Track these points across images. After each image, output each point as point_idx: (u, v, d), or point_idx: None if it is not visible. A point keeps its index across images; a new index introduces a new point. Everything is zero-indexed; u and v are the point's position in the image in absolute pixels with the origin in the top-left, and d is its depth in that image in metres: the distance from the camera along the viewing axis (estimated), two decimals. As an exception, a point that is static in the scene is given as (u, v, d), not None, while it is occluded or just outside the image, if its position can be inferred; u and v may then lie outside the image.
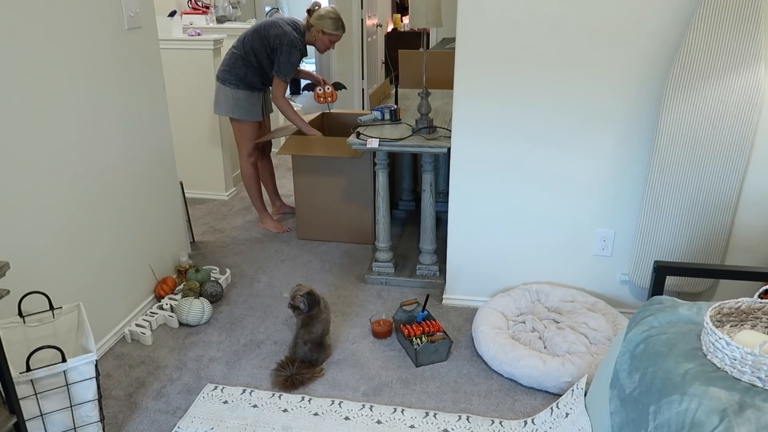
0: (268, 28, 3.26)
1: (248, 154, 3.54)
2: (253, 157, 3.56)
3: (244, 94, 3.37)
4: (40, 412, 1.82)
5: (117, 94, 2.49)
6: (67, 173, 2.23)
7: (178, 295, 2.86)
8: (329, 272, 3.17)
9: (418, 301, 2.66)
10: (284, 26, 3.27)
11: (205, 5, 4.63)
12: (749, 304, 1.55)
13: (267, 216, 3.69)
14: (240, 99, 3.37)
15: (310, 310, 2.35)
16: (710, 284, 2.51)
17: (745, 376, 1.32)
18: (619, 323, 2.44)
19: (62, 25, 2.15)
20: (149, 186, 2.78)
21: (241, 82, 3.34)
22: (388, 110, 3.11)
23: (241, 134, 3.49)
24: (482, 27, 2.36)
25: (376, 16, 6.86)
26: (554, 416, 2.02)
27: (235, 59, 3.33)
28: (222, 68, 3.38)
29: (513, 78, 2.41)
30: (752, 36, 2.11)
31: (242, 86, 3.35)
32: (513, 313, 2.60)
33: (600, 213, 2.57)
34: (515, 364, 2.27)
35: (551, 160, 2.52)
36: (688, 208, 2.36)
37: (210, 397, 2.23)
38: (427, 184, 2.88)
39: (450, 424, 2.10)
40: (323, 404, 2.19)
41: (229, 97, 3.37)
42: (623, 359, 1.58)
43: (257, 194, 3.66)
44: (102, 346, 2.48)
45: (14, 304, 2.00)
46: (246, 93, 3.37)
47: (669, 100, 2.24)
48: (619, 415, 1.53)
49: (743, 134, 2.22)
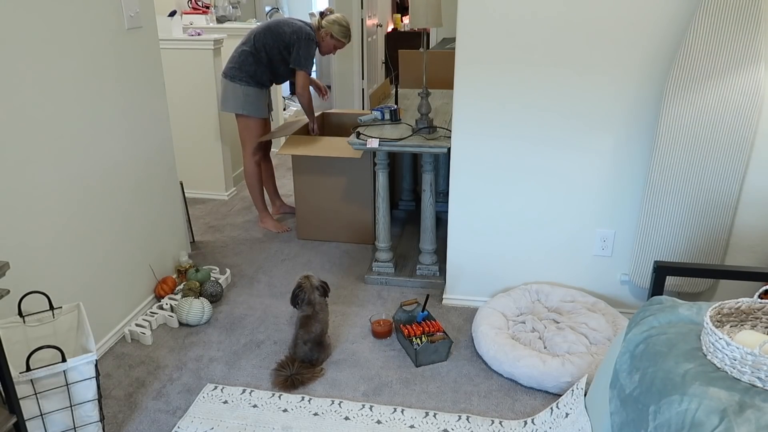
0: (282, 25, 3.29)
1: (252, 153, 3.55)
2: (257, 156, 3.57)
3: (254, 91, 3.39)
4: (40, 412, 1.82)
5: (117, 94, 2.49)
6: (67, 173, 2.23)
7: (178, 295, 2.86)
8: (329, 272, 3.17)
9: (417, 301, 2.66)
10: (298, 23, 3.32)
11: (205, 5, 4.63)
12: (749, 304, 1.55)
13: (267, 215, 3.70)
14: (250, 96, 3.39)
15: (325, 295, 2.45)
16: (710, 284, 2.51)
17: (745, 377, 1.32)
18: (619, 323, 2.44)
19: (62, 25, 2.15)
20: (149, 186, 2.78)
21: (251, 79, 3.36)
22: (388, 110, 3.11)
23: (247, 131, 3.50)
24: (482, 27, 2.37)
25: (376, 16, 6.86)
26: (554, 416, 2.02)
27: (245, 56, 3.34)
28: (230, 65, 3.40)
29: (513, 78, 2.42)
30: (752, 36, 2.11)
31: (252, 83, 3.37)
32: (513, 313, 2.60)
33: (600, 213, 2.57)
34: (515, 364, 2.27)
35: (551, 159, 2.52)
36: (688, 208, 2.36)
37: (210, 397, 2.24)
38: (427, 184, 2.88)
39: (450, 424, 2.10)
40: (323, 404, 2.19)
41: (239, 94, 3.38)
42: (623, 359, 1.58)
43: (259, 193, 3.67)
44: (102, 346, 2.48)
45: (14, 304, 2.00)
46: (256, 90, 3.40)
47: (669, 100, 2.24)
48: (619, 415, 1.53)
49: (743, 134, 2.22)
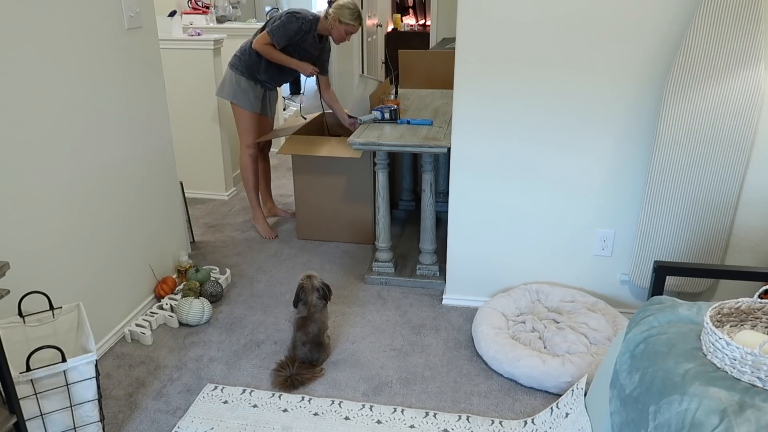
0: (283, 14, 3.30)
1: (247, 145, 3.54)
2: (252, 150, 3.55)
3: (247, 83, 3.41)
4: (40, 412, 1.82)
5: (117, 95, 2.49)
6: (67, 173, 2.23)
7: (178, 295, 2.86)
8: (329, 272, 3.17)
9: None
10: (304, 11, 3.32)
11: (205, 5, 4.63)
12: (749, 304, 1.55)
13: (260, 215, 3.66)
14: (241, 85, 3.41)
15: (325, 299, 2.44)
16: (710, 284, 2.51)
17: (745, 376, 1.32)
18: (619, 323, 2.44)
19: (62, 26, 2.15)
20: (149, 186, 2.78)
21: (246, 70, 3.39)
22: (388, 110, 3.11)
23: (240, 123, 3.51)
24: (482, 26, 2.36)
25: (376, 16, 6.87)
26: (554, 416, 2.02)
27: (248, 46, 3.39)
28: (234, 54, 3.45)
29: (513, 78, 2.41)
30: (752, 36, 2.11)
31: (246, 74, 3.39)
32: (513, 313, 2.60)
33: (600, 213, 2.57)
34: (515, 364, 2.27)
35: (551, 159, 2.52)
36: (688, 208, 2.36)
37: (210, 397, 2.23)
38: (427, 184, 2.87)
39: (450, 424, 2.10)
40: (323, 404, 2.19)
41: (233, 82, 3.42)
42: (623, 359, 1.58)
43: (253, 188, 3.64)
44: (102, 346, 2.48)
45: (14, 304, 2.00)
46: (249, 83, 3.41)
47: (669, 100, 2.24)
48: (619, 415, 1.53)
49: (743, 134, 2.22)
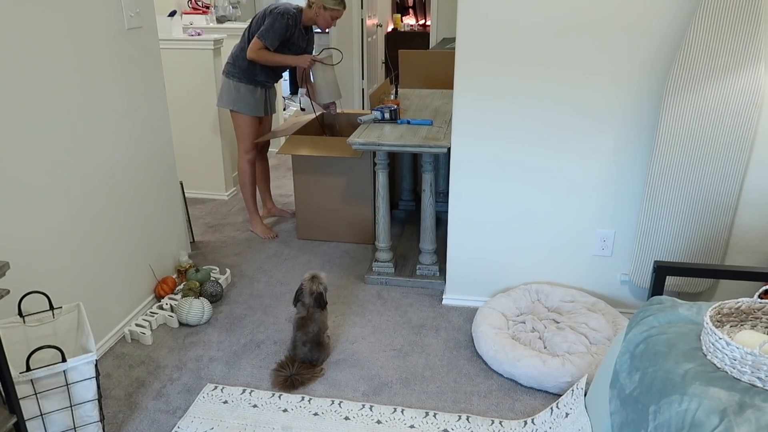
0: (266, 9, 3.27)
1: (246, 151, 3.51)
2: (251, 155, 3.53)
3: (246, 88, 3.38)
4: (40, 412, 1.82)
5: (117, 95, 2.49)
6: (67, 173, 2.23)
7: (178, 295, 2.86)
8: (329, 272, 3.17)
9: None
10: (285, 5, 3.29)
11: (205, 5, 4.63)
12: (749, 304, 1.55)
13: (257, 218, 3.65)
14: (241, 92, 3.38)
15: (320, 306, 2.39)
16: (710, 284, 2.51)
17: (745, 376, 1.32)
18: (619, 323, 2.44)
19: (62, 26, 2.15)
20: (149, 186, 2.78)
21: (244, 75, 3.35)
22: (388, 110, 3.11)
23: (239, 129, 3.48)
24: (482, 26, 2.36)
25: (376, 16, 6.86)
26: (554, 416, 2.02)
27: (238, 51, 3.35)
28: (227, 62, 3.42)
29: (513, 77, 2.41)
30: (752, 36, 2.11)
31: (245, 79, 3.36)
32: (513, 313, 2.60)
33: (600, 213, 2.57)
34: (515, 364, 2.27)
35: (551, 159, 2.52)
36: (688, 208, 2.36)
37: (210, 397, 2.23)
38: (427, 184, 2.87)
39: (450, 424, 2.10)
40: (323, 404, 2.19)
41: (232, 90, 3.38)
42: (623, 359, 1.58)
43: (251, 194, 3.62)
44: (102, 346, 2.48)
45: (14, 304, 2.00)
46: (249, 87, 3.38)
47: (669, 100, 2.24)
48: (619, 415, 1.53)
49: (743, 134, 2.22)
